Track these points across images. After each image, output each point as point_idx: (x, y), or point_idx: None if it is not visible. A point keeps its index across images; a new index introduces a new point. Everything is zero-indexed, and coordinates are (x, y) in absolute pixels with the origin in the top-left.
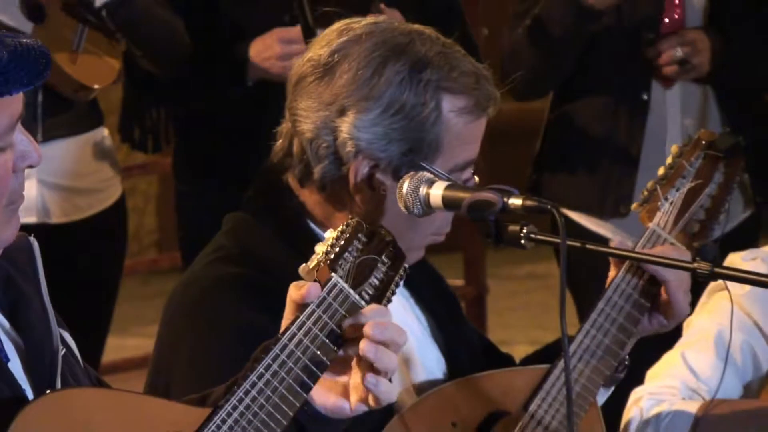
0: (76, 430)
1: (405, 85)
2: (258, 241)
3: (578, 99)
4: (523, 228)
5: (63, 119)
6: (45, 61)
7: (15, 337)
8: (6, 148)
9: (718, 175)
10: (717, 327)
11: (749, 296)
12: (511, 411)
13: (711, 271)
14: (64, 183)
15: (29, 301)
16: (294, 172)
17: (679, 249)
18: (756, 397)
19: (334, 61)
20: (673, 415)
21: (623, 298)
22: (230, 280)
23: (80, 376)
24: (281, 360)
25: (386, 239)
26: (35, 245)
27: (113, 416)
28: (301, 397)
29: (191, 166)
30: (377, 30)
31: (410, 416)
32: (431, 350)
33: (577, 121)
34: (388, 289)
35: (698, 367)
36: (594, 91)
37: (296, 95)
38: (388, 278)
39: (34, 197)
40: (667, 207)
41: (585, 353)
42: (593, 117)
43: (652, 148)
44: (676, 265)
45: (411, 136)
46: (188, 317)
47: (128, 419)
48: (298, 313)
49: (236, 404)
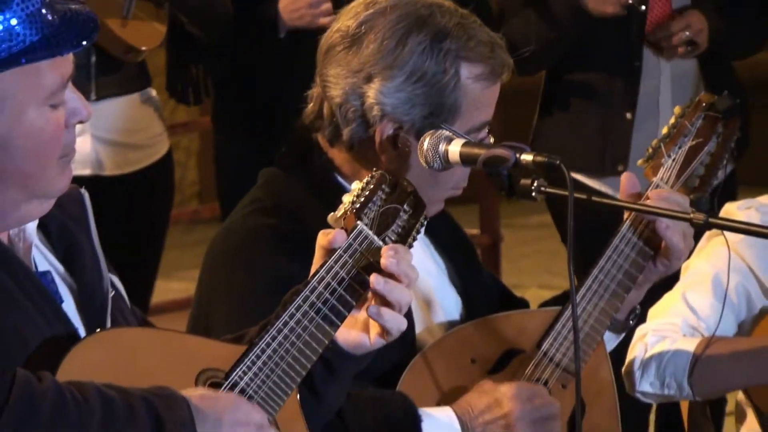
0: (123, 365)
1: (426, 54)
2: (290, 194)
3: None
4: (534, 182)
5: (114, 79)
6: (93, 24)
7: (69, 280)
8: (58, 105)
9: (716, 134)
10: (714, 270)
11: (744, 242)
12: (525, 349)
13: (706, 220)
14: (116, 138)
15: (81, 247)
16: (324, 132)
17: (676, 193)
18: (749, 334)
19: (361, 32)
20: (675, 352)
21: (629, 246)
22: (265, 230)
23: (128, 316)
24: (311, 301)
25: (408, 190)
26: (86, 196)
27: (157, 352)
28: (329, 335)
29: (228, 116)
30: (401, 3)
31: (432, 354)
32: (449, 293)
33: (575, 89)
34: (410, 235)
35: (698, 307)
36: (590, 62)
37: (326, 63)
38: (410, 225)
39: (88, 151)
40: (670, 163)
41: (593, 297)
42: (590, 84)
43: (646, 112)
44: (674, 215)
45: (432, 100)
46: (227, 264)
47: (170, 355)
48: (326, 258)
49: (269, 342)
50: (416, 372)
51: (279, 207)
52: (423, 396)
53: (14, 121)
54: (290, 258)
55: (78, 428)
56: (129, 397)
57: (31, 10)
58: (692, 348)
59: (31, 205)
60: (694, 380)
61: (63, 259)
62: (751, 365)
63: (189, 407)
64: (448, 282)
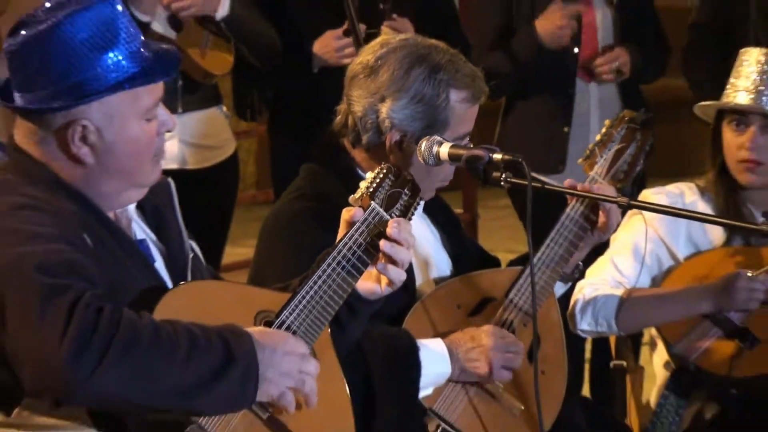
0: (200, 308)
1: (425, 82)
2: (324, 183)
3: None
4: (502, 174)
5: (195, 97)
6: (177, 60)
7: (159, 245)
8: (152, 119)
9: (635, 140)
10: (634, 240)
11: (656, 219)
12: (497, 297)
13: (629, 203)
14: (196, 141)
15: (168, 221)
16: (348, 137)
17: (609, 188)
18: (659, 286)
19: (377, 65)
20: (605, 300)
21: (572, 222)
22: (306, 210)
23: (203, 272)
24: (338, 260)
25: (408, 178)
26: (172, 184)
27: (225, 299)
28: (351, 285)
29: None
30: (407, 44)
31: (428, 301)
32: (442, 256)
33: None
34: (409, 211)
35: (622, 267)
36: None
37: (351, 87)
38: (409, 204)
39: (176, 151)
40: (602, 162)
41: (546, 259)
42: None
43: (579, 126)
44: (607, 199)
45: (429, 117)
46: (277, 235)
47: (235, 301)
48: (348, 229)
49: (308, 290)
50: (416, 315)
51: (316, 193)
52: (421, 332)
53: (119, 132)
54: (324, 230)
55: (169, 354)
56: (207, 332)
57: (132, 49)
58: (618, 297)
59: (130, 192)
60: (620, 320)
61: (155, 230)
62: (660, 308)
63: (251, 340)
64: (441, 247)
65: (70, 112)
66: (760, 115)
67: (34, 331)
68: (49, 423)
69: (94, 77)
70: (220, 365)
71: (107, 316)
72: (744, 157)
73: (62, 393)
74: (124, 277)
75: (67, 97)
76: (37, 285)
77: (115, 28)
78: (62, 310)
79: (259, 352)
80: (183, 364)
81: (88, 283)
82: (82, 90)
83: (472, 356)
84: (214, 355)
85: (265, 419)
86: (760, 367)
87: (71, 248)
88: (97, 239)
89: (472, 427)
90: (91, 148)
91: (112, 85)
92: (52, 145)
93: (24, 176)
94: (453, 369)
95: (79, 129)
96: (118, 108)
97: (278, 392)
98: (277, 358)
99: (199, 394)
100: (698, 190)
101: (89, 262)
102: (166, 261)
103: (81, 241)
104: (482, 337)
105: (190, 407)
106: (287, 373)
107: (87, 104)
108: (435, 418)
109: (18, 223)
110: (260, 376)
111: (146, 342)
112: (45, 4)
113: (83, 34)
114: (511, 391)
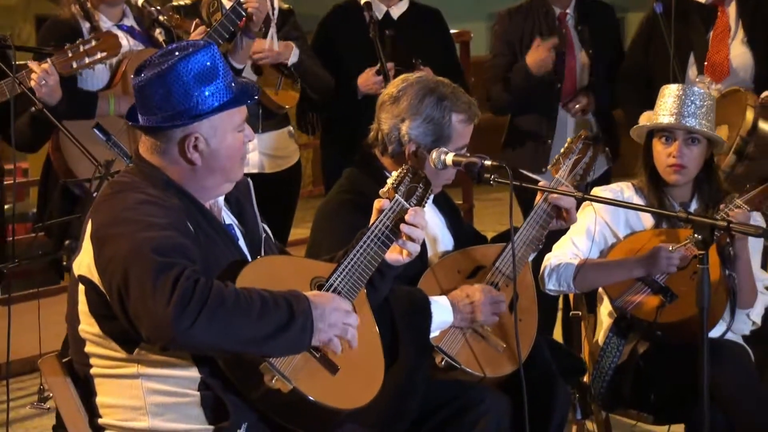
0: (270, 276)
1: (434, 108)
2: (361, 181)
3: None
4: (491, 175)
5: (271, 121)
6: (257, 90)
7: (241, 228)
8: (242, 131)
9: (589, 153)
10: (587, 224)
11: (602, 208)
12: (486, 265)
13: (583, 197)
14: (271, 153)
15: (247, 210)
16: (379, 148)
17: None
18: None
19: (399, 95)
20: (566, 266)
21: (543, 212)
22: (347, 201)
23: (274, 249)
24: (371, 238)
25: (422, 175)
26: (250, 182)
27: (288, 269)
28: (381, 255)
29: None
30: (421, 81)
31: (436, 268)
32: (447, 235)
33: (522, 125)
34: (423, 200)
35: (578, 244)
36: (531, 111)
37: (380, 111)
38: (423, 195)
39: (256, 160)
40: (564, 167)
41: (524, 237)
42: (530, 123)
43: (559, 140)
44: (569, 193)
45: (436, 133)
46: (326, 220)
47: (296, 270)
48: (378, 215)
49: (349, 260)
50: (427, 278)
51: (354, 188)
52: (431, 290)
53: (221, 141)
54: (359, 216)
55: (246, 313)
56: (274, 296)
57: (226, 82)
58: (575, 265)
59: (224, 186)
60: (576, 282)
61: (237, 217)
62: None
63: (308, 301)
64: (446, 229)
65: (187, 128)
66: (683, 131)
67: (150, 297)
68: (160, 360)
69: (202, 102)
70: (284, 320)
71: (201, 287)
72: (672, 163)
73: (168, 341)
74: (216, 252)
75: (185, 118)
76: (152, 262)
77: (215, 68)
78: (169, 281)
79: (313, 310)
80: (257, 320)
81: (189, 261)
82: (195, 111)
83: (470, 309)
84: (280, 313)
85: (318, 357)
86: (677, 315)
87: (178, 234)
88: (197, 225)
89: (467, 359)
90: (201, 153)
91: (216, 107)
92: (172, 153)
93: (145, 178)
94: (455, 317)
95: (193, 140)
96: (220, 123)
97: (328, 339)
98: (326, 314)
99: (268, 341)
100: (634, 188)
101: (191, 245)
102: (246, 240)
103: (185, 228)
104: (475, 293)
105: (262, 351)
106: (334, 324)
107: (200, 122)
108: (440, 353)
109: (140, 215)
110: (314, 328)
111: (230, 305)
112: (158, 52)
113: (194, 72)
114: (496, 333)
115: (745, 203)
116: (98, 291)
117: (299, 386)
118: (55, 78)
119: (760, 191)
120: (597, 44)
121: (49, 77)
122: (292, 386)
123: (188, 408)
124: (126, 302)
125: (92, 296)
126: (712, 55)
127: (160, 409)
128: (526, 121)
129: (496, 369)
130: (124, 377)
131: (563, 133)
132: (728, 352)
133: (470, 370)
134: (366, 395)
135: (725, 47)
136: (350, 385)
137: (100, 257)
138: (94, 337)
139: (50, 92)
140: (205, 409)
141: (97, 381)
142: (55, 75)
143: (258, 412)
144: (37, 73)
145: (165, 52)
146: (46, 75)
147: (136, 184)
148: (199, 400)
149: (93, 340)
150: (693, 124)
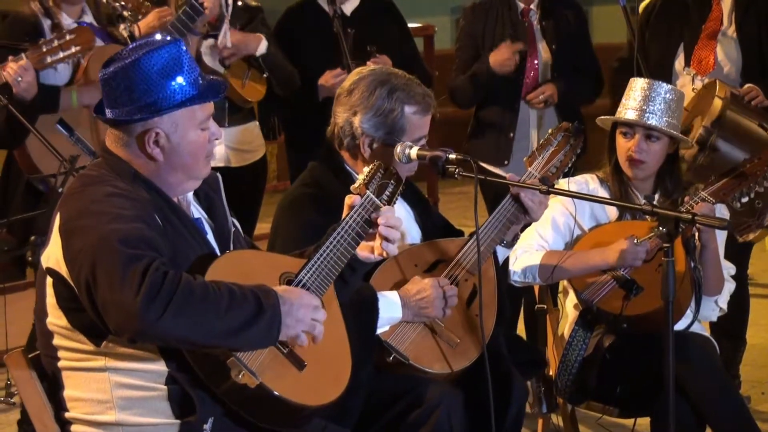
0: (239, 270)
1: (385, 99)
2: (322, 175)
3: (486, 107)
4: (455, 169)
5: (237, 116)
6: (224, 87)
7: (210, 222)
8: (205, 129)
9: (568, 146)
10: (553, 216)
11: (568, 201)
12: (447, 259)
13: (548, 190)
14: (237, 146)
15: (216, 204)
16: (336, 142)
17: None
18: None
19: (352, 88)
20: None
21: (510, 206)
22: (307, 195)
23: (243, 243)
24: (342, 234)
25: (393, 172)
26: (219, 177)
27: (257, 263)
28: (352, 252)
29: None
30: (374, 73)
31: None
32: (415, 228)
33: (486, 118)
34: (394, 197)
35: (544, 235)
36: (494, 103)
37: (335, 105)
38: (394, 191)
39: (222, 153)
40: (540, 160)
41: (489, 231)
42: (493, 116)
43: (521, 133)
44: (533, 187)
45: (389, 125)
46: (285, 214)
47: (265, 265)
48: (349, 211)
49: (319, 256)
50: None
51: (314, 182)
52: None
53: (182, 137)
54: (316, 209)
55: (215, 306)
56: (243, 290)
57: (191, 78)
58: (540, 257)
59: (189, 183)
60: (540, 274)
61: (206, 211)
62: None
63: (276, 296)
64: (413, 221)
65: (147, 123)
66: (643, 128)
67: (118, 288)
68: (128, 353)
69: (164, 97)
70: (252, 314)
71: (170, 279)
72: (631, 157)
73: (136, 333)
74: (185, 246)
75: (146, 112)
76: (121, 254)
77: (180, 63)
78: (138, 272)
79: (281, 305)
80: (225, 313)
81: (157, 253)
82: (156, 106)
83: (421, 304)
84: (248, 307)
85: (286, 353)
86: (642, 308)
87: (146, 226)
88: (165, 219)
89: (416, 355)
90: (162, 149)
91: (177, 103)
92: (134, 147)
93: (113, 171)
94: (405, 313)
95: (153, 135)
96: (181, 120)
97: (295, 334)
98: (294, 309)
99: (236, 335)
100: (598, 179)
101: (159, 237)
102: (214, 234)
103: (153, 221)
104: (427, 288)
105: (230, 345)
106: (302, 320)
107: (159, 117)
108: (388, 348)
109: (109, 207)
110: (282, 323)
111: (198, 297)
112: (128, 46)
113: (157, 66)
114: (450, 328)
115: (710, 195)
116: (66, 283)
117: (266, 382)
118: (32, 73)
119: (725, 183)
120: (561, 39)
121: (26, 73)
122: (259, 381)
123: (155, 402)
124: (94, 293)
125: (60, 289)
126: (699, 49)
127: (127, 403)
128: (490, 114)
129: (448, 364)
130: (92, 370)
131: (525, 126)
132: (694, 345)
133: (419, 365)
134: (333, 391)
135: (713, 42)
136: (317, 381)
137: (69, 249)
138: (62, 329)
139: (28, 88)
140: (172, 403)
141: (65, 374)
142: (32, 70)
143: (225, 407)
144: (15, 69)
145: (134, 47)
146: (23, 71)
147: (105, 177)
148: (166, 394)
149: (61, 332)
150: (654, 122)
